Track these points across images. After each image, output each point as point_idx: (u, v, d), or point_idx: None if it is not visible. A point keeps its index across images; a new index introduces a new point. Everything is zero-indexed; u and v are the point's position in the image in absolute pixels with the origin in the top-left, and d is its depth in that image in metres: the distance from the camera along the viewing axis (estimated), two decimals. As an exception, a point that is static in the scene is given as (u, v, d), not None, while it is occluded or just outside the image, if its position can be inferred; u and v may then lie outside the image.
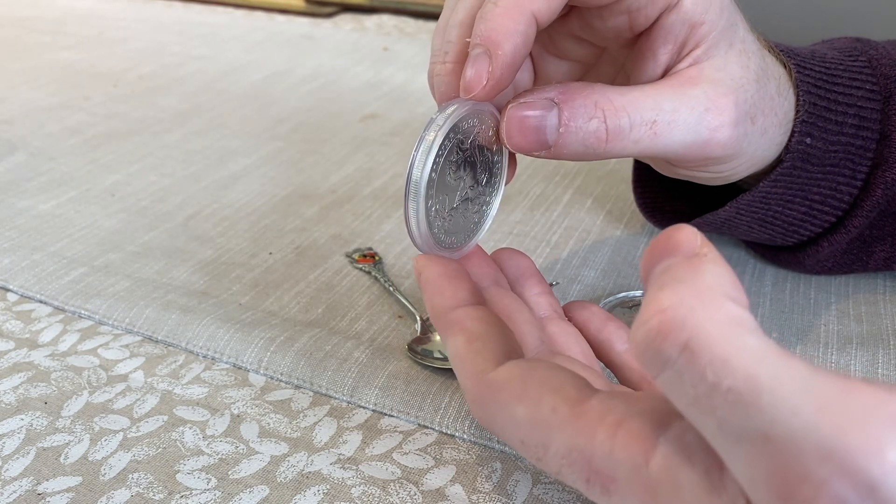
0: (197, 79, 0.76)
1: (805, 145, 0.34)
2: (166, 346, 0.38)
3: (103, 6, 1.02)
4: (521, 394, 0.23)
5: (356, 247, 0.46)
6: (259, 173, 0.56)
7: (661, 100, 0.29)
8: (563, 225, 0.48)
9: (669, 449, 0.20)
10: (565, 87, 0.28)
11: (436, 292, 0.28)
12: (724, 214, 0.37)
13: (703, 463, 0.20)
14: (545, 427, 0.23)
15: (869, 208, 0.36)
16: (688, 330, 0.18)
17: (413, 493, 0.29)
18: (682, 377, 0.18)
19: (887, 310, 0.39)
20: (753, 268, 0.43)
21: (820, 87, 0.35)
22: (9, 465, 0.31)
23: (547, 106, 0.28)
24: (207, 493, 0.30)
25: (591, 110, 0.28)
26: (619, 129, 0.28)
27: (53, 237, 0.47)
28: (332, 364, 0.36)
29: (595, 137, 0.28)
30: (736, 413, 0.17)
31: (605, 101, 0.28)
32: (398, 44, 0.87)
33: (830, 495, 0.16)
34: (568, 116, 0.28)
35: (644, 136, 0.29)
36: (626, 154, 0.29)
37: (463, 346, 0.26)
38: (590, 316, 0.31)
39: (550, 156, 0.29)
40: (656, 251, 0.20)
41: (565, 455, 0.22)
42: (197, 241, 0.47)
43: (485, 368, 0.25)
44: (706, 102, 0.29)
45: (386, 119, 0.66)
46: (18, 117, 0.66)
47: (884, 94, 0.36)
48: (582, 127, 0.28)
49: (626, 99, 0.28)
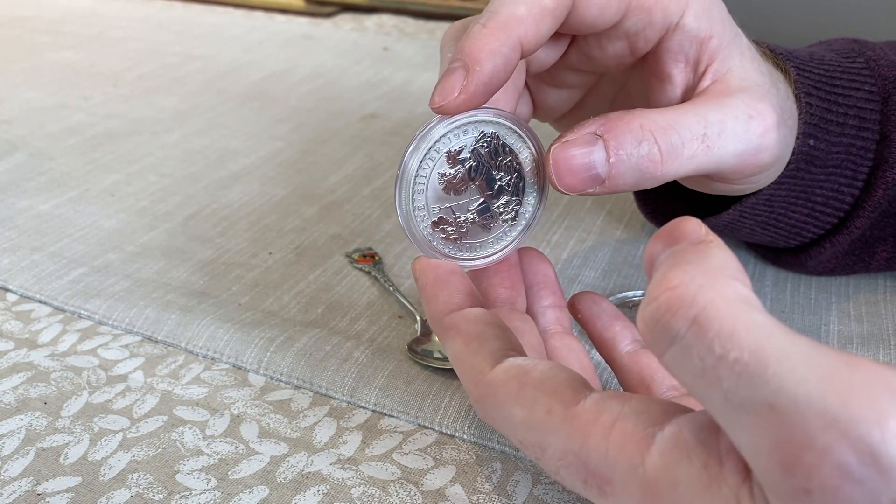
0: (197, 79, 0.76)
1: (809, 147, 0.34)
2: (166, 347, 0.38)
3: (103, 6, 1.02)
4: (517, 395, 0.23)
5: (356, 247, 0.46)
6: (259, 173, 0.56)
7: (704, 113, 0.28)
8: (563, 225, 0.48)
9: (665, 447, 0.20)
10: (605, 119, 0.28)
11: (431, 298, 0.28)
12: (728, 218, 0.37)
13: (701, 458, 0.20)
14: (541, 429, 0.23)
15: (870, 209, 0.36)
16: (697, 305, 0.18)
17: (413, 494, 0.29)
18: (689, 351, 0.18)
19: (888, 310, 0.39)
20: (754, 268, 0.43)
21: (819, 90, 0.35)
22: (8, 466, 0.31)
23: (591, 140, 0.27)
24: (207, 494, 0.29)
25: (638, 135, 0.27)
26: (672, 147, 0.27)
27: (53, 237, 0.47)
28: (332, 364, 0.36)
29: (649, 160, 0.27)
30: (742, 384, 0.17)
31: (651, 123, 0.27)
32: (398, 44, 0.87)
33: (833, 462, 0.16)
34: (615, 146, 0.27)
35: (698, 152, 0.28)
36: (681, 174, 0.28)
37: (461, 348, 0.26)
38: (599, 312, 0.31)
39: (606, 189, 0.28)
40: (662, 239, 0.21)
41: (561, 457, 0.22)
42: (197, 241, 0.47)
43: (483, 369, 0.25)
44: (747, 110, 0.29)
45: (386, 119, 0.66)
46: (18, 117, 0.66)
47: (882, 95, 0.36)
48: (633, 153, 0.27)
49: (670, 118, 0.28)
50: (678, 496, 0.20)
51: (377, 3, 1.00)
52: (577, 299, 0.32)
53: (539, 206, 0.31)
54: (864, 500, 0.16)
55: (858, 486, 0.16)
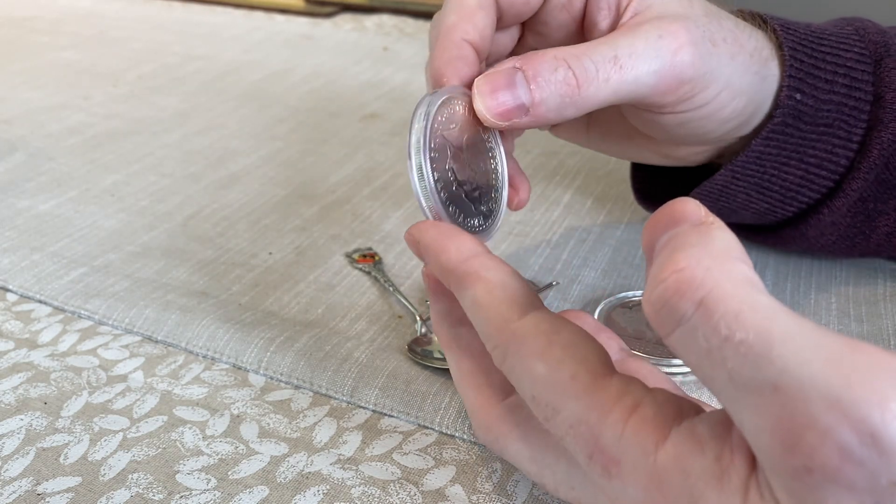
0: (197, 79, 0.76)
1: (795, 101, 0.35)
2: (166, 347, 0.38)
3: (103, 6, 1.02)
4: (544, 351, 0.23)
5: (356, 247, 0.46)
6: (259, 173, 0.56)
7: (615, 40, 0.30)
8: (563, 225, 0.48)
9: (680, 438, 0.21)
10: (522, 55, 0.30)
11: (440, 251, 0.27)
12: (721, 180, 0.37)
13: (714, 451, 0.20)
14: (560, 391, 0.23)
15: (866, 170, 0.36)
16: (704, 287, 0.19)
17: (413, 494, 0.29)
18: (695, 332, 0.19)
19: (887, 310, 0.39)
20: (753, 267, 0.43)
21: (805, 46, 0.35)
22: (8, 466, 0.31)
23: (512, 72, 0.29)
24: (207, 494, 0.30)
25: (552, 63, 0.29)
26: (586, 70, 0.29)
27: (53, 237, 0.47)
28: (332, 364, 0.36)
29: (566, 84, 0.29)
30: (746, 364, 0.18)
31: (563, 53, 0.30)
32: (398, 44, 0.87)
33: (835, 441, 0.17)
34: (533, 74, 0.29)
35: (612, 73, 0.30)
36: (602, 98, 0.30)
37: (484, 294, 0.25)
38: (582, 325, 0.31)
39: (532, 119, 0.29)
40: (661, 222, 0.21)
41: (573, 425, 0.22)
42: (196, 241, 0.47)
43: (510, 317, 0.24)
44: (658, 31, 0.31)
45: (386, 119, 0.66)
46: (18, 117, 0.66)
47: (874, 57, 0.37)
48: (550, 79, 0.29)
49: (582, 48, 0.30)
50: (689, 486, 0.20)
51: (377, 3, 1.00)
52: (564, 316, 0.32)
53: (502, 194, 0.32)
54: (863, 481, 0.17)
55: (858, 467, 0.17)
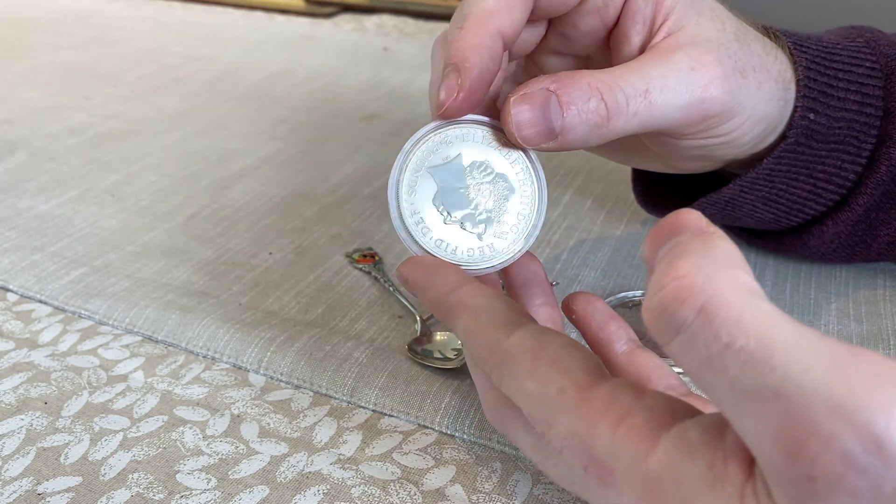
0: (197, 79, 0.76)
1: (809, 121, 0.35)
2: (166, 347, 0.38)
3: (103, 6, 1.02)
4: (531, 369, 0.24)
5: (356, 247, 0.46)
6: (259, 173, 0.56)
7: (646, 69, 0.30)
8: (563, 225, 0.48)
9: (671, 444, 0.21)
10: (556, 76, 0.29)
11: (427, 286, 0.28)
12: (729, 193, 0.37)
13: (706, 457, 0.20)
14: (551, 406, 0.23)
15: (873, 185, 0.36)
16: (704, 294, 0.18)
17: (413, 494, 0.29)
18: (696, 339, 0.18)
19: (887, 310, 0.39)
20: (753, 267, 0.43)
21: (818, 64, 0.35)
22: (9, 466, 0.31)
23: (546, 95, 0.29)
24: (207, 494, 0.30)
25: (586, 91, 0.29)
26: (617, 103, 0.29)
27: (53, 237, 0.47)
28: (332, 364, 0.36)
29: (597, 115, 0.29)
30: (747, 371, 0.18)
31: (597, 81, 0.29)
32: (398, 44, 0.87)
33: (838, 449, 0.16)
34: (567, 101, 0.28)
35: (641, 107, 0.29)
36: (627, 130, 0.29)
37: (471, 322, 0.26)
38: (593, 312, 0.31)
39: (558, 145, 0.29)
40: (662, 232, 0.21)
41: (567, 438, 0.23)
42: (197, 241, 0.47)
43: (498, 338, 0.25)
44: (690, 63, 0.30)
45: (386, 119, 0.66)
46: (18, 117, 0.66)
47: (885, 71, 0.36)
48: (582, 108, 0.28)
49: (614, 75, 0.29)
50: (682, 494, 0.20)
51: (377, 3, 1.00)
52: (572, 299, 0.31)
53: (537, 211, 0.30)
54: (867, 488, 0.16)
55: (862, 474, 0.16)
